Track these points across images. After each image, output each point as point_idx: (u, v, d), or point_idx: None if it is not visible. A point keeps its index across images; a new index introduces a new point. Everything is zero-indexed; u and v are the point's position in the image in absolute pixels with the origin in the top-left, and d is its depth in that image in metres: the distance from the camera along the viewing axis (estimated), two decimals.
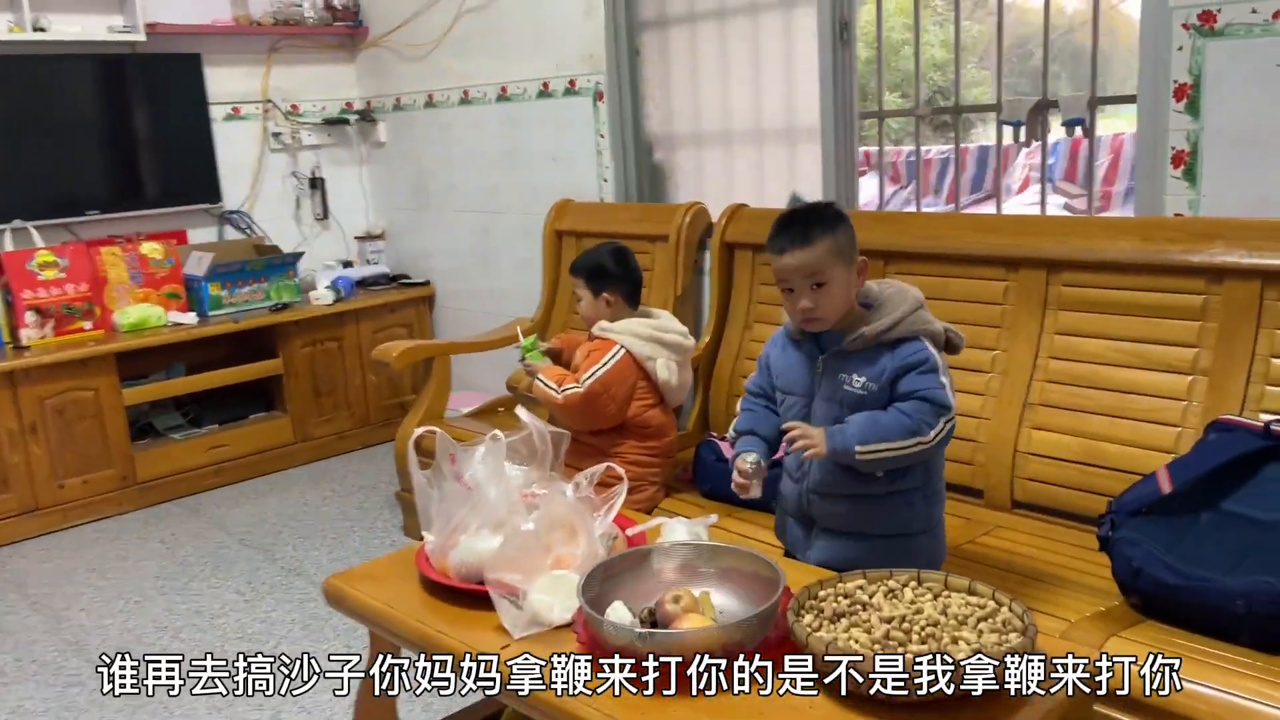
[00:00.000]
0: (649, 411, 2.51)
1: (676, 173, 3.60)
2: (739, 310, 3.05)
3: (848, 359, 1.91)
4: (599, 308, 2.55)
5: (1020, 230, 2.45)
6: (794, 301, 1.91)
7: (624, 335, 2.49)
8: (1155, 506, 1.92)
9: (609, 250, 2.59)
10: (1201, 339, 2.15)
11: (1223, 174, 2.20)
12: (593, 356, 2.47)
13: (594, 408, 2.44)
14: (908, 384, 1.88)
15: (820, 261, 1.87)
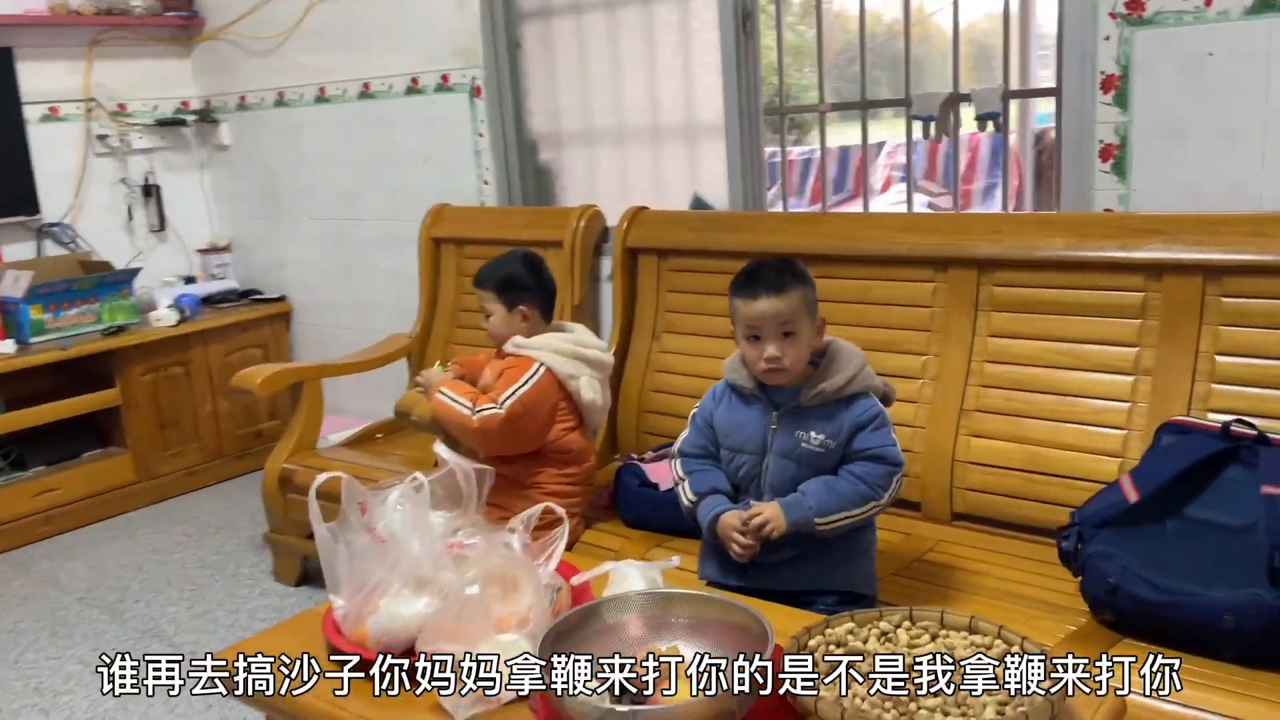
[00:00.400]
0: (569, 435, 2.28)
1: (565, 173, 3.37)
2: (645, 320, 2.85)
3: (804, 415, 1.85)
4: (513, 323, 2.30)
5: (948, 229, 2.34)
6: (759, 349, 1.83)
7: (543, 352, 2.25)
8: (1122, 517, 1.83)
9: (520, 259, 2.35)
10: (1142, 337, 2.08)
11: (1154, 167, 2.15)
12: (508, 375, 2.23)
13: (514, 432, 2.20)
14: (862, 441, 1.84)
15: (793, 310, 1.82)
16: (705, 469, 1.96)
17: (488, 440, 2.20)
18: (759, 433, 1.88)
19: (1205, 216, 2.03)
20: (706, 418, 1.99)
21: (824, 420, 1.84)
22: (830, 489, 1.81)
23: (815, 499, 1.80)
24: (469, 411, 2.19)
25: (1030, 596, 1.94)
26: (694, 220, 2.77)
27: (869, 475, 1.81)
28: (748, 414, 1.91)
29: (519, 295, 2.29)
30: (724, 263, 2.69)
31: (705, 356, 2.70)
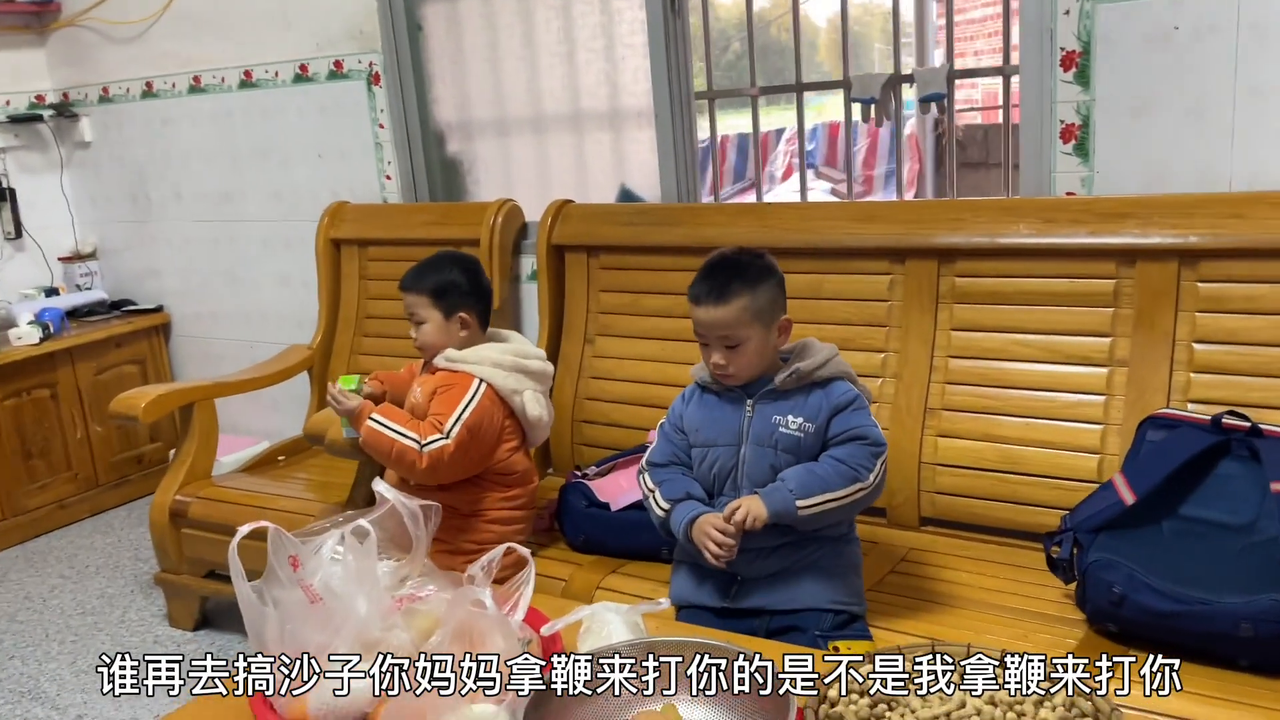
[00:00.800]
0: (514, 455, 2.07)
1: (477, 166, 3.13)
2: (576, 323, 2.65)
3: (779, 400, 1.75)
4: (452, 332, 2.07)
5: (905, 217, 2.21)
6: (707, 355, 1.76)
7: (482, 366, 2.02)
8: (1119, 520, 1.72)
9: (455, 260, 2.11)
10: (1116, 327, 1.98)
11: (1118, 148, 2.05)
12: (447, 396, 2.00)
13: (463, 460, 1.98)
14: (841, 423, 1.73)
15: (734, 322, 1.70)
16: (676, 476, 1.80)
17: (436, 475, 1.97)
18: (734, 422, 1.76)
19: (1178, 198, 1.94)
20: (675, 423, 1.84)
21: (800, 404, 1.73)
22: (810, 472, 1.69)
23: (795, 482, 1.68)
24: (414, 445, 1.95)
25: (1019, 608, 1.82)
26: (626, 214, 2.58)
27: (850, 457, 1.69)
28: (720, 404, 1.79)
29: (458, 301, 2.06)
30: (660, 259, 2.52)
31: (644, 360, 2.52)
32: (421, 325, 2.09)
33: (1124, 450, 1.93)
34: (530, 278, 2.87)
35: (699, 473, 1.79)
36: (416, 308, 2.09)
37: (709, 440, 1.77)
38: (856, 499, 1.69)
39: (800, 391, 1.74)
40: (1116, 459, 1.94)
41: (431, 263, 2.11)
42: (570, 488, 2.20)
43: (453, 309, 2.06)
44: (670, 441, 1.83)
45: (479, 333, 2.10)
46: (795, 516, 1.66)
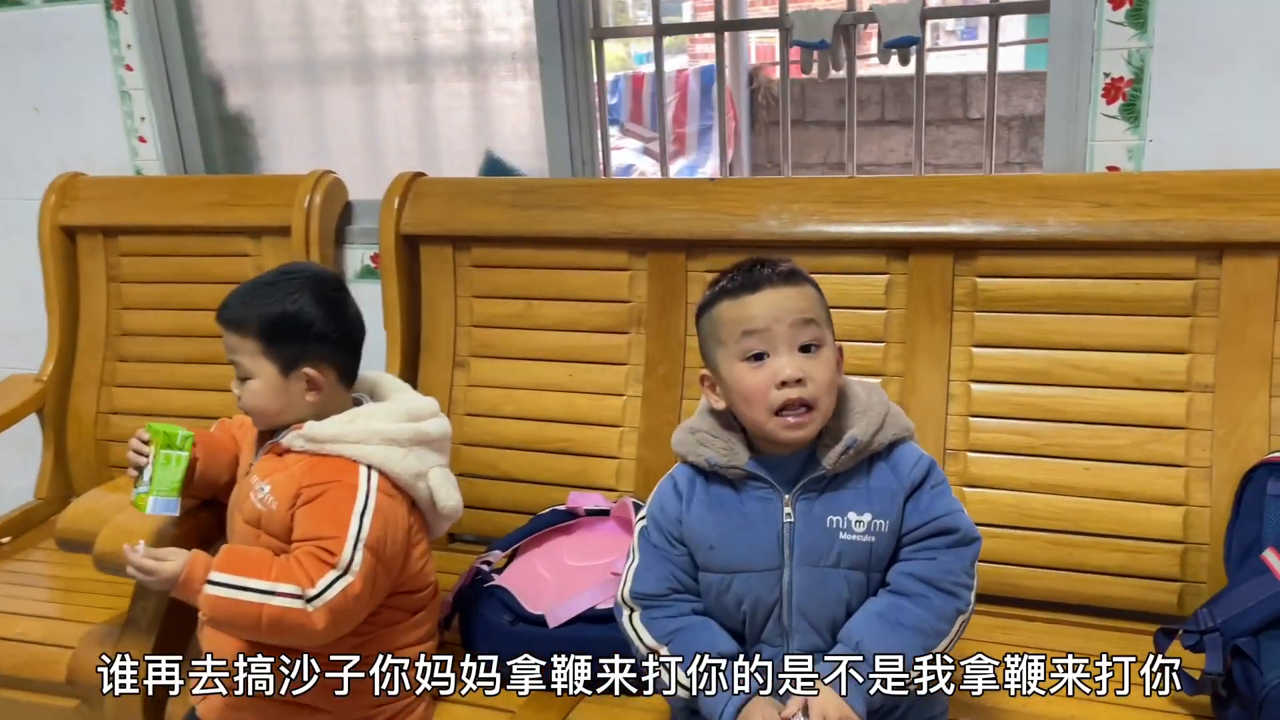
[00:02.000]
0: (425, 564, 1.38)
1: (274, 125, 2.32)
2: (439, 340, 1.95)
3: (829, 490, 1.18)
4: (292, 396, 1.35)
5: (907, 198, 1.68)
6: (768, 371, 1.14)
7: (371, 447, 1.32)
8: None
9: (307, 283, 1.38)
10: (1196, 341, 1.55)
11: (1181, 110, 1.61)
12: (326, 505, 1.28)
13: (371, 599, 1.29)
14: (919, 512, 1.19)
15: (814, 307, 1.18)
16: (687, 624, 1.19)
17: (340, 633, 1.26)
18: (768, 532, 1.18)
19: (1277, 174, 1.52)
20: (670, 530, 1.23)
21: (863, 490, 1.18)
22: (895, 626, 1.13)
23: (880, 649, 1.11)
24: (299, 603, 1.22)
25: None
26: (507, 192, 1.91)
27: (943, 574, 1.16)
28: (741, 508, 1.18)
29: (305, 350, 1.34)
30: (560, 253, 1.88)
31: (543, 390, 1.88)
32: (246, 382, 1.35)
33: (1213, 501, 1.51)
34: (361, 276, 2.14)
35: (717, 608, 1.20)
36: (239, 353, 1.35)
37: (732, 563, 1.18)
38: (959, 636, 1.16)
39: (857, 471, 1.19)
40: (1207, 511, 1.52)
41: (265, 285, 1.37)
42: (482, 594, 1.53)
43: (295, 362, 1.34)
44: (664, 559, 1.22)
45: (337, 392, 1.39)
46: (891, 700, 1.12)
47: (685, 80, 5.72)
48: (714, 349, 1.19)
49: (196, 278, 2.12)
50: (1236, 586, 1.32)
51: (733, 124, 5.53)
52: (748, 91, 5.66)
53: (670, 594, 1.21)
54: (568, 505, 1.71)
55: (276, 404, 1.34)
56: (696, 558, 1.21)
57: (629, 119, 5.96)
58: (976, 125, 5.06)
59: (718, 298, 1.18)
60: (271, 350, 1.33)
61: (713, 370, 1.21)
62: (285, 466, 1.32)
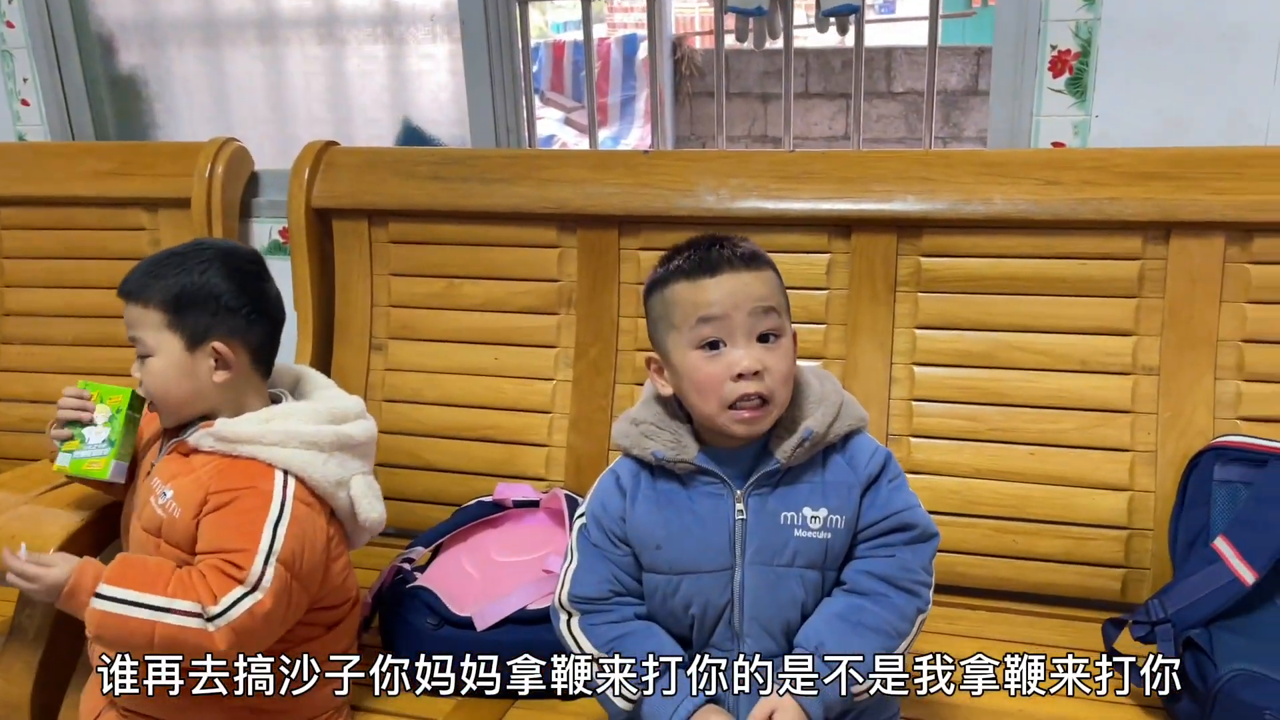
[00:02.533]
0: (343, 576, 1.27)
1: (171, 89, 2.15)
2: (354, 321, 1.83)
3: (783, 485, 1.11)
4: (198, 376, 1.22)
5: (849, 173, 1.61)
6: (724, 362, 1.06)
7: (290, 451, 1.20)
8: (1236, 606, 1.26)
9: (220, 253, 1.25)
10: (1141, 323, 1.51)
11: (1127, 85, 1.57)
12: (236, 515, 1.15)
13: (284, 616, 1.16)
14: (876, 506, 1.13)
15: (774, 293, 1.10)
16: (630, 630, 1.12)
17: (245, 648, 1.13)
18: (719, 533, 1.10)
19: (1224, 152, 1.48)
20: (613, 529, 1.15)
21: (819, 483, 1.11)
22: (857, 627, 1.07)
23: (844, 652, 1.05)
24: (197, 621, 1.10)
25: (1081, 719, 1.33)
26: (427, 163, 1.78)
27: (902, 573, 1.10)
28: (691, 506, 1.11)
29: (215, 322, 1.22)
30: (485, 229, 1.77)
31: (468, 375, 1.78)
32: (146, 360, 1.23)
33: (1158, 485, 1.49)
34: (268, 252, 2.00)
35: (664, 611, 1.13)
36: (140, 328, 1.22)
37: (680, 564, 1.10)
38: (917, 635, 1.11)
39: (811, 464, 1.12)
40: (1152, 497, 1.49)
41: (174, 254, 1.24)
42: (400, 593, 1.43)
43: (203, 335, 1.21)
44: (605, 560, 1.14)
45: (252, 380, 1.26)
46: (850, 703, 1.06)
47: (608, 49, 5.60)
48: (665, 332, 1.10)
49: (87, 253, 1.96)
50: (1187, 576, 1.29)
51: (658, 95, 5.42)
52: (671, 62, 5.56)
53: (611, 597, 1.13)
54: (494, 496, 1.62)
55: (182, 386, 1.22)
56: (641, 558, 1.13)
57: (550, 88, 5.82)
58: (900, 99, 5.06)
59: (672, 277, 1.09)
60: (176, 322, 1.20)
61: (662, 354, 1.12)
62: (192, 469, 1.19)
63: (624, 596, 1.13)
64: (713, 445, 1.12)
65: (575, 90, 5.59)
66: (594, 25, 5.60)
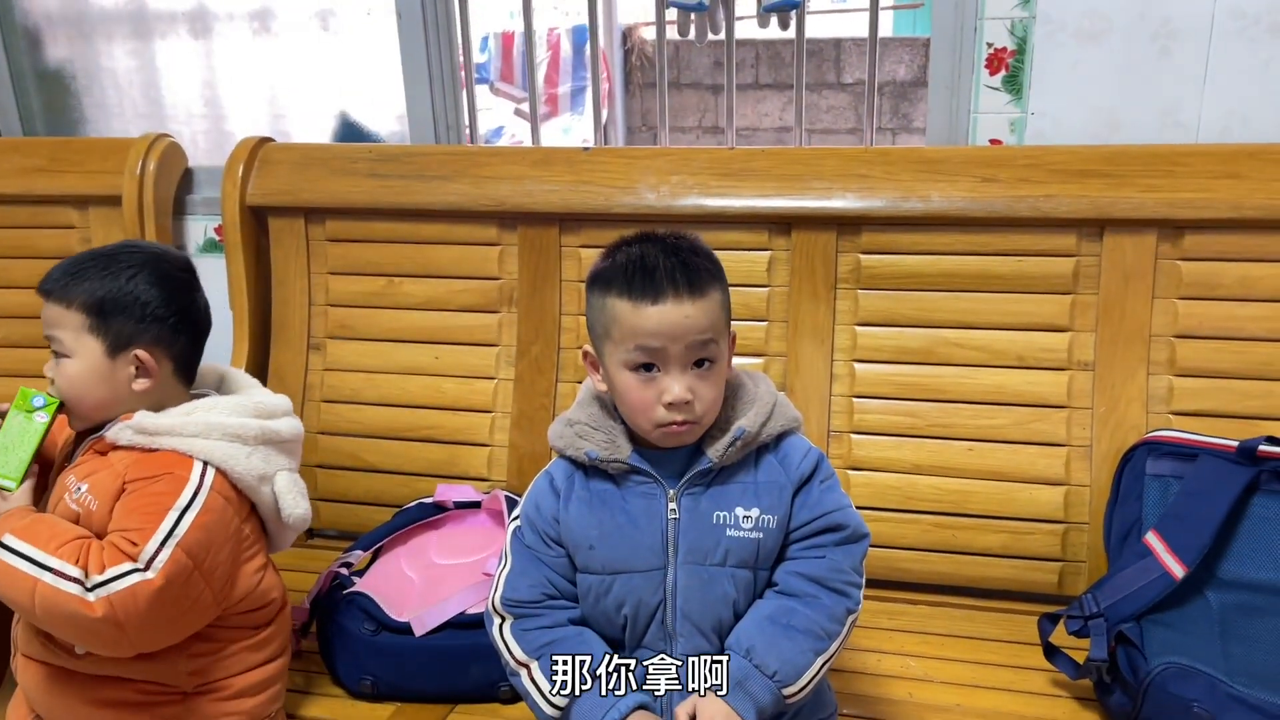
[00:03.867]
0: (265, 579, 1.24)
1: (99, 83, 2.09)
2: (291, 321, 1.80)
3: (715, 485, 1.11)
4: (117, 382, 1.19)
5: (789, 170, 1.61)
6: (655, 389, 1.06)
7: (211, 443, 1.17)
8: (1166, 600, 1.28)
9: (150, 257, 1.21)
10: (1076, 319, 1.53)
11: (1062, 82, 1.58)
12: (144, 496, 1.13)
13: (176, 609, 1.12)
14: (807, 506, 1.12)
15: (713, 323, 1.08)
16: (560, 636, 1.11)
17: (126, 641, 1.10)
18: (652, 533, 1.10)
19: (1156, 150, 1.50)
20: (546, 530, 1.14)
21: (750, 484, 1.11)
22: (787, 630, 1.07)
23: (772, 656, 1.05)
24: (77, 587, 1.07)
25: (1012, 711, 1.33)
26: (364, 160, 1.76)
27: (832, 574, 1.09)
28: (625, 505, 1.11)
29: (139, 330, 1.18)
30: (424, 227, 1.75)
31: (408, 374, 1.76)
32: (62, 361, 1.19)
33: (1093, 480, 1.51)
34: (204, 250, 1.96)
35: (596, 612, 1.12)
36: (59, 328, 1.18)
37: (612, 563, 1.10)
38: (848, 636, 1.11)
39: (744, 464, 1.12)
40: (1086, 491, 1.51)
41: (101, 255, 1.20)
42: (337, 599, 1.41)
43: (126, 342, 1.18)
44: (539, 562, 1.13)
45: (173, 390, 1.23)
46: (783, 706, 1.05)
47: (557, 40, 5.55)
48: (602, 337, 1.09)
49: (13, 252, 1.90)
50: (1119, 570, 1.31)
51: (607, 85, 5.40)
52: (621, 52, 5.54)
53: (544, 600, 1.12)
54: (435, 498, 1.60)
55: (99, 392, 1.18)
56: (575, 559, 1.12)
57: (499, 78, 5.76)
58: (850, 90, 5.07)
59: (614, 288, 1.06)
60: (99, 326, 1.16)
61: (598, 354, 1.12)
62: (109, 464, 1.16)
63: (557, 600, 1.12)
64: (646, 446, 1.11)
65: (524, 81, 5.54)
66: (548, 14, 5.54)
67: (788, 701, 1.05)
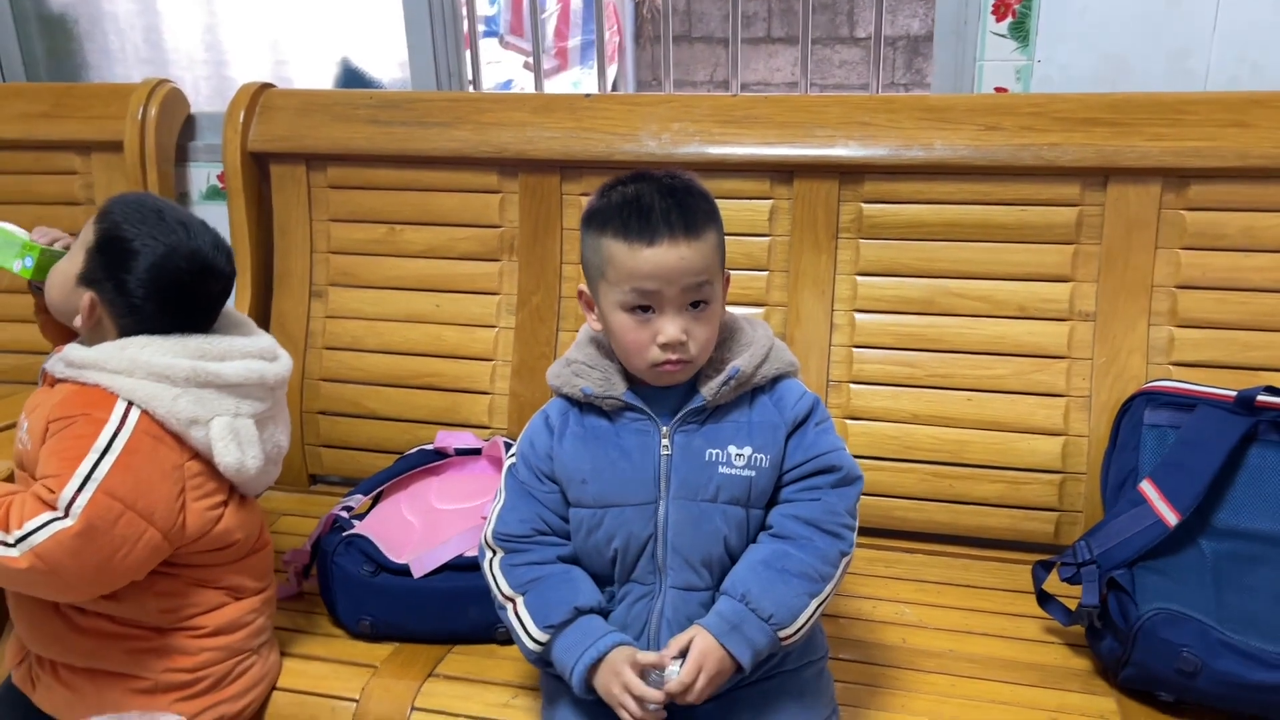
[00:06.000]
0: (225, 520, 1.23)
1: (101, 28, 2.09)
2: (293, 268, 1.80)
3: (710, 423, 1.12)
4: (69, 302, 1.22)
5: (791, 117, 1.60)
6: (650, 330, 1.07)
7: (135, 381, 1.16)
8: (1160, 547, 1.28)
9: (198, 245, 1.20)
10: (1079, 269, 1.52)
11: (1068, 29, 1.56)
12: (66, 438, 1.13)
13: (108, 557, 1.12)
14: (801, 448, 1.13)
15: (709, 264, 1.08)
16: (549, 573, 1.12)
17: (63, 581, 1.11)
18: (643, 465, 1.11)
19: (1161, 98, 1.48)
20: (540, 466, 1.16)
21: (744, 423, 1.12)
22: (781, 573, 1.07)
23: (767, 598, 1.06)
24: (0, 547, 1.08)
25: (1008, 658, 1.34)
26: (365, 106, 1.75)
27: (826, 516, 1.10)
28: (618, 441, 1.12)
29: (103, 282, 1.19)
30: (424, 174, 1.75)
31: (408, 322, 1.77)
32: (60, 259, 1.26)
33: (1092, 430, 1.51)
34: (207, 197, 1.96)
35: (587, 546, 1.13)
36: (85, 229, 1.23)
37: (604, 497, 1.11)
38: (842, 579, 1.12)
39: (739, 404, 1.12)
40: (1084, 441, 1.51)
41: (170, 213, 1.21)
42: (341, 545, 1.42)
43: (87, 280, 1.20)
44: (531, 498, 1.14)
45: (111, 329, 1.22)
46: (778, 649, 1.06)
47: None
48: (597, 278, 1.10)
49: (17, 197, 1.91)
50: (1114, 518, 1.31)
51: (617, 38, 5.35)
52: (632, 4, 5.47)
53: (534, 535, 1.13)
54: (436, 444, 1.61)
55: (54, 295, 1.23)
56: (568, 494, 1.13)
57: (509, 31, 5.70)
58: (863, 45, 5.01)
59: (610, 228, 1.06)
60: (91, 255, 1.19)
61: (593, 294, 1.12)
62: (50, 397, 1.18)
63: (548, 535, 1.14)
64: (642, 384, 1.12)
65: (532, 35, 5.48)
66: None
67: (784, 644, 1.06)
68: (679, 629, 1.08)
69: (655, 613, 1.11)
